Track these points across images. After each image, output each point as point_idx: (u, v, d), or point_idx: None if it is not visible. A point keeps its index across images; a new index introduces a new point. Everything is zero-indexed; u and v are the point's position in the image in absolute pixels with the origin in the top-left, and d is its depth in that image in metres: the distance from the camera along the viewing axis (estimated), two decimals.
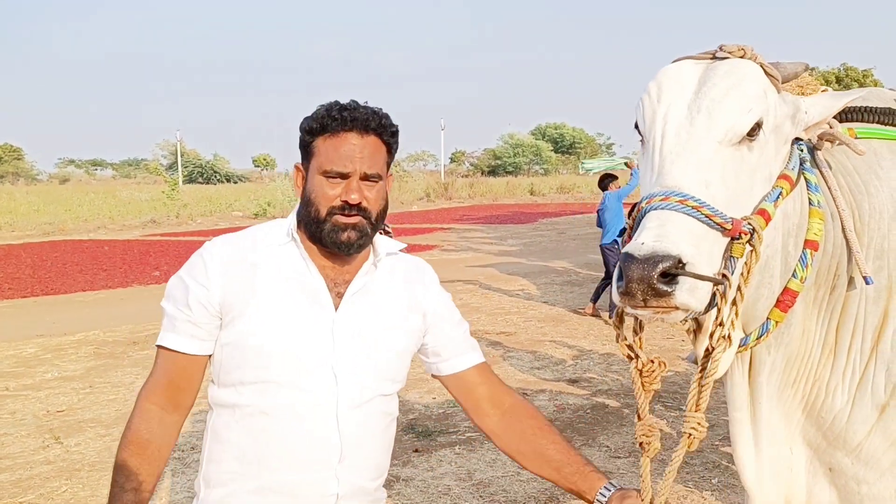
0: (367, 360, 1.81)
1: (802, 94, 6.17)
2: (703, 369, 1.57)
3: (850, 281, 1.74)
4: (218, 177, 57.04)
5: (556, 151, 62.65)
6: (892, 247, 1.76)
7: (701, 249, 1.43)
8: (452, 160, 63.62)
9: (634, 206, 1.57)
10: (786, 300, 1.67)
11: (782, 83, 1.67)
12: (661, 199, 1.45)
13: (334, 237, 1.75)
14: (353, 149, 1.75)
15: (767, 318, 1.68)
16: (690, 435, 1.59)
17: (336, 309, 1.79)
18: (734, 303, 1.48)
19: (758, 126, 1.57)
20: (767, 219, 1.54)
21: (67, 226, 22.91)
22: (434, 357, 1.97)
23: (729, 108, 1.54)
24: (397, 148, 1.86)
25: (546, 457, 1.86)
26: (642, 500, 1.68)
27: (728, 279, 1.45)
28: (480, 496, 4.24)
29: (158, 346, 1.81)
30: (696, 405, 1.58)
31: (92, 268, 14.02)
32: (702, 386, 1.57)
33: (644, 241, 1.39)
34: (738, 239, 1.49)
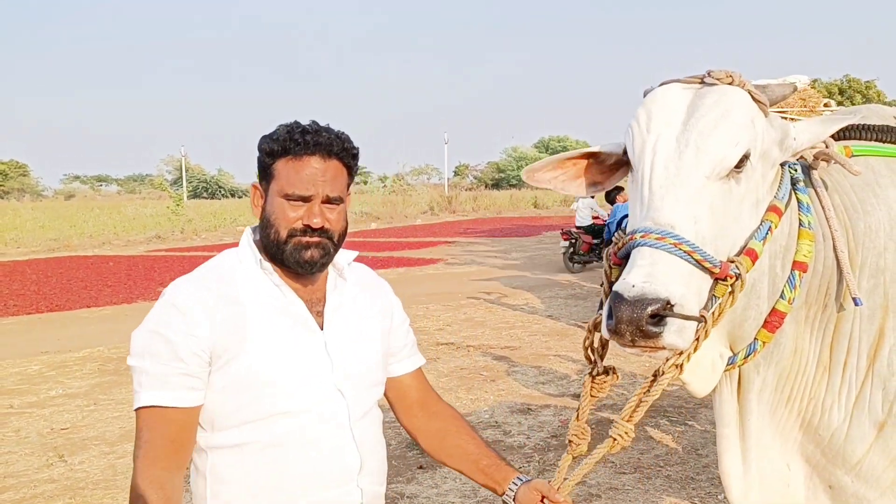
0: (361, 371, 1.85)
1: (805, 107, 6.16)
2: (650, 388, 1.62)
3: (843, 300, 1.74)
4: (223, 192, 57.28)
5: None
6: (889, 265, 1.76)
7: (691, 289, 1.46)
8: (456, 173, 63.79)
9: (621, 220, 1.59)
10: (773, 321, 1.68)
11: (771, 105, 1.67)
12: (657, 238, 1.47)
13: (297, 256, 1.75)
14: (316, 173, 1.74)
15: (755, 339, 1.69)
16: (615, 440, 1.65)
17: (322, 328, 1.81)
18: (698, 338, 1.50)
19: (745, 157, 1.58)
20: (754, 258, 1.57)
21: (73, 242, 22.98)
22: (389, 358, 2.01)
23: (717, 142, 1.55)
24: (357, 170, 1.86)
25: (465, 451, 1.96)
26: (552, 488, 1.79)
27: (706, 320, 1.48)
28: None
29: (144, 408, 1.69)
30: (630, 416, 1.65)
31: (97, 284, 14.05)
32: (641, 402, 1.63)
33: (634, 283, 1.41)
34: (723, 281, 1.51)
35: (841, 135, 1.86)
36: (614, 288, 1.43)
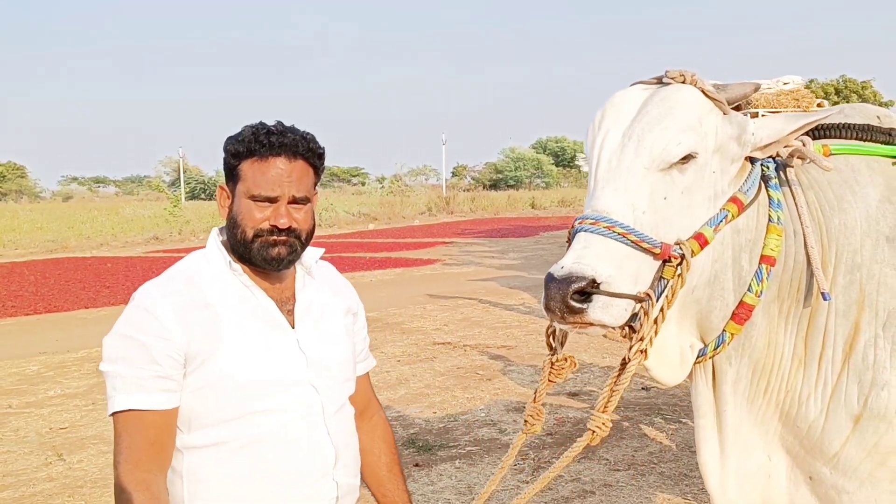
0: (333, 367, 1.90)
1: (798, 107, 6.19)
2: (619, 376, 1.68)
3: (817, 295, 1.78)
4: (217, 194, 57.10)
5: (557, 165, 62.84)
6: (865, 262, 1.80)
7: (623, 270, 1.54)
8: (454, 174, 63.78)
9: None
10: (741, 313, 1.74)
11: (731, 104, 1.73)
12: (591, 223, 1.57)
13: (264, 253, 1.77)
14: (282, 173, 1.76)
15: (724, 331, 1.75)
16: (594, 432, 1.70)
17: (293, 326, 1.85)
18: (655, 321, 1.57)
19: (690, 154, 1.64)
20: (703, 243, 1.63)
21: (70, 243, 22.97)
22: (357, 355, 2.06)
23: (658, 136, 1.63)
24: (323, 169, 1.88)
25: (377, 477, 2.07)
26: (502, 467, 1.88)
27: (651, 297, 1.55)
28: None
29: (121, 412, 1.69)
30: (605, 407, 1.69)
31: (95, 285, 14.06)
32: (613, 391, 1.68)
33: (564, 264, 1.53)
34: (669, 262, 1.58)
35: (822, 133, 1.90)
36: (549, 270, 1.54)
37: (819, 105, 8.02)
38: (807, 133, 1.79)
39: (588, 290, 1.50)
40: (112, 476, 1.74)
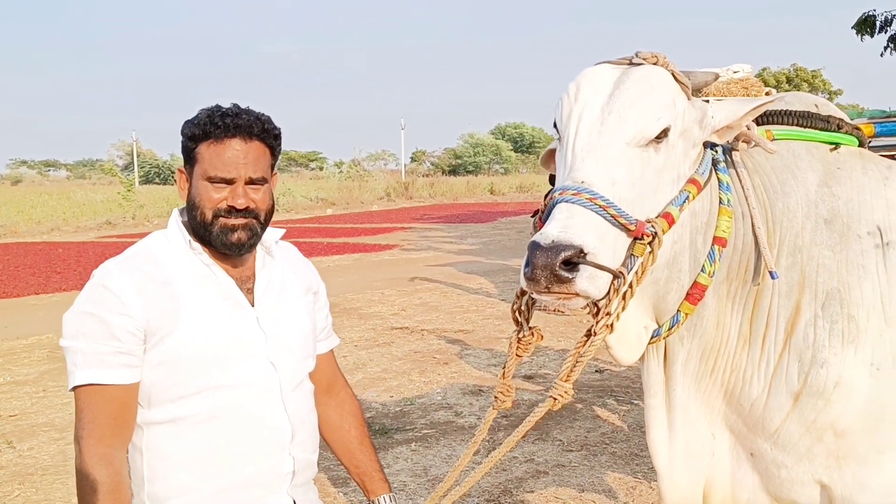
0: (293, 344, 1.92)
1: (748, 94, 6.33)
2: (583, 346, 1.70)
3: (762, 275, 1.84)
4: (175, 177, 56.24)
5: (515, 151, 63.09)
6: (805, 244, 1.86)
7: (605, 244, 1.55)
8: (413, 159, 63.61)
9: (548, 193, 1.68)
10: (695, 293, 1.78)
11: (695, 90, 1.78)
12: (573, 194, 1.56)
13: (224, 239, 1.80)
14: (238, 155, 1.78)
15: (678, 311, 1.79)
16: (556, 399, 1.74)
17: (253, 305, 1.87)
18: (624, 297, 1.59)
19: (665, 132, 1.68)
20: (671, 222, 1.66)
21: (20, 228, 22.43)
22: (319, 333, 2.09)
23: (639, 113, 1.66)
24: (280, 150, 1.90)
25: (349, 451, 2.13)
26: (475, 441, 1.95)
27: (624, 274, 1.56)
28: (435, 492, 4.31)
29: (83, 386, 1.72)
30: (567, 376, 1.72)
31: (45, 270, 13.78)
32: (577, 361, 1.71)
33: (548, 232, 1.51)
34: (640, 239, 1.60)
35: (765, 120, 1.96)
36: (532, 238, 1.52)
37: (767, 94, 8.21)
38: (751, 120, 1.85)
39: (575, 260, 1.48)
40: (63, 462, 1.73)
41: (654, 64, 1.73)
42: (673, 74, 1.73)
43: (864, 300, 1.82)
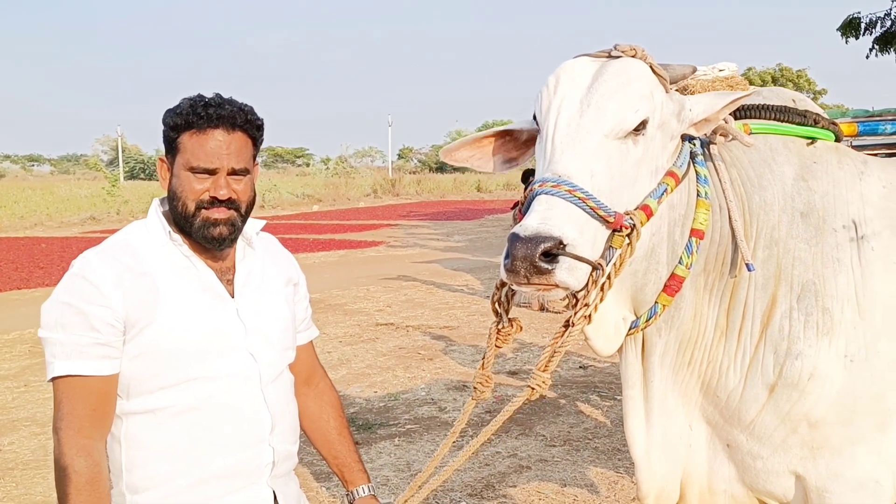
0: (273, 336, 1.91)
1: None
2: (561, 337, 1.71)
3: (739, 268, 1.85)
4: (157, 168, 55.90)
5: None
6: (781, 237, 1.88)
7: (584, 235, 1.55)
8: (400, 156, 63.63)
9: (527, 186, 1.68)
10: (672, 285, 1.80)
11: (672, 83, 1.79)
12: (553, 186, 1.57)
13: (205, 233, 1.79)
14: (220, 145, 1.77)
15: (656, 302, 1.81)
16: (534, 389, 1.74)
17: (233, 296, 1.86)
18: (602, 288, 1.60)
19: (643, 124, 1.69)
20: (649, 214, 1.67)
21: (3, 223, 22.25)
22: (299, 324, 2.09)
23: (618, 105, 1.66)
24: (263, 141, 1.90)
25: (328, 442, 2.12)
26: (453, 431, 1.96)
27: (603, 266, 1.58)
28: None
29: (62, 377, 1.70)
30: (545, 366, 1.73)
31: (28, 265, 13.68)
32: (556, 352, 1.72)
33: (530, 224, 1.51)
34: (619, 231, 1.61)
35: (743, 114, 1.98)
36: (512, 230, 1.53)
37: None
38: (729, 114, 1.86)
39: (555, 252, 1.48)
40: (44, 457, 1.73)
41: (633, 56, 1.74)
42: (651, 67, 1.74)
43: (838, 293, 1.84)
